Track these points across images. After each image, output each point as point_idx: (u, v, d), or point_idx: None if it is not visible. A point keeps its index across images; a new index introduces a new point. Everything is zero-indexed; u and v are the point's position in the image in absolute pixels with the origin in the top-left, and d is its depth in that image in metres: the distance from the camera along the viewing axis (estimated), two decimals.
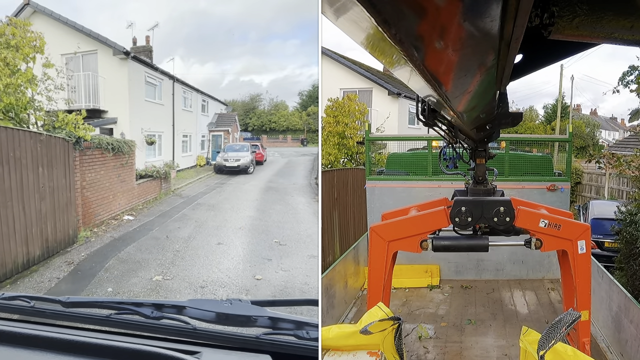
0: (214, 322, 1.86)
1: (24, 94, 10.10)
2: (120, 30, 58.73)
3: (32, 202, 7.78)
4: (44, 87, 10.96)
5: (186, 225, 11.05)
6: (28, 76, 10.14)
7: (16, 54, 10.05)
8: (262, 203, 14.40)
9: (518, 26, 1.16)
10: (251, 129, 50.30)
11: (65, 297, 1.97)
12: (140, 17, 57.52)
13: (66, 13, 50.19)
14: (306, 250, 9.01)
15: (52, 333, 1.65)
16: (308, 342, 1.73)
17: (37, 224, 7.90)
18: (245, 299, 1.97)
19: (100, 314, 1.92)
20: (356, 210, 10.70)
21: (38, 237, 7.90)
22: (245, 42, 65.99)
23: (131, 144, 12.56)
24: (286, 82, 62.53)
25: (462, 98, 1.98)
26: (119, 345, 1.57)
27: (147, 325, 1.83)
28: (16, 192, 7.35)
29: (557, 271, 5.81)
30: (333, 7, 0.99)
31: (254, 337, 1.74)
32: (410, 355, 5.38)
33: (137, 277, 7.40)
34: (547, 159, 8.79)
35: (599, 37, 1.65)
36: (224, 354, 1.70)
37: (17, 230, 7.35)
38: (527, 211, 4.03)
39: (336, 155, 15.05)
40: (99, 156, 10.66)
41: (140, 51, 19.80)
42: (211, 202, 14.47)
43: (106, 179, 11.04)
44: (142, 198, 13.41)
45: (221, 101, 32.23)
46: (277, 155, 33.32)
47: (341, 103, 16.07)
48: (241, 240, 9.68)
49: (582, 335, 4.23)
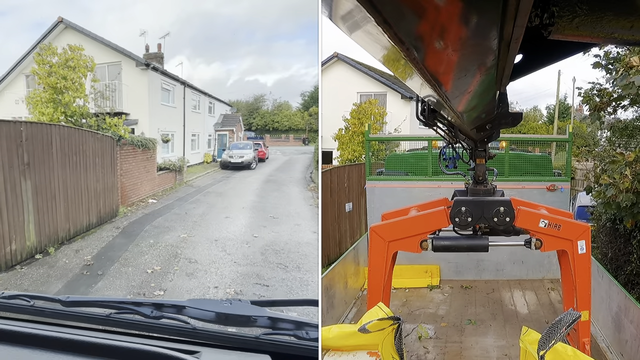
0: (213, 322, 1.86)
1: (83, 104, 13.26)
2: (128, 30, 59.46)
3: (92, 183, 10.62)
4: (92, 97, 13.95)
5: (200, 206, 13.58)
6: (83, 91, 13.18)
7: (75, 73, 12.98)
8: (261, 191, 16.70)
9: (518, 26, 1.16)
10: (255, 128, 51.21)
11: (65, 296, 1.97)
12: (148, 19, 58.06)
13: (75, 14, 50.65)
14: (293, 222, 11.50)
15: (52, 332, 1.65)
16: (308, 342, 1.73)
17: (94, 200, 10.74)
18: (245, 299, 1.97)
19: (100, 313, 1.91)
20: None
21: (94, 209, 10.74)
22: (251, 43, 66.18)
23: (154, 142, 15.24)
24: (291, 82, 62.67)
25: (462, 98, 1.98)
26: (118, 345, 1.57)
27: (147, 325, 1.83)
28: (84, 175, 10.27)
29: (557, 271, 5.80)
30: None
31: (253, 337, 1.74)
32: (410, 355, 5.38)
33: (168, 235, 10.02)
34: (547, 159, 8.79)
35: (599, 37, 1.65)
36: (223, 354, 1.70)
37: (82, 202, 10.19)
38: (527, 211, 4.03)
39: (360, 152, 17.41)
40: (131, 151, 13.47)
41: (152, 57, 21.84)
42: (219, 190, 16.94)
43: (136, 169, 13.78)
44: (162, 187, 16.14)
45: (226, 103, 34.16)
46: (279, 153, 35.08)
47: (364, 107, 18.54)
48: (244, 215, 12.25)
49: (582, 335, 4.23)
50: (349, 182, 11.43)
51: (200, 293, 6.84)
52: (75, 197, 9.83)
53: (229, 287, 7.06)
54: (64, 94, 12.70)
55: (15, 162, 7.83)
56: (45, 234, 8.62)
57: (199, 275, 7.55)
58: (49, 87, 12.67)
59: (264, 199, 15.00)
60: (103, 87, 15.10)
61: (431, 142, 8.13)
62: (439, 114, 3.76)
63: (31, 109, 13.08)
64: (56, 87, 12.62)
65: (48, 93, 12.68)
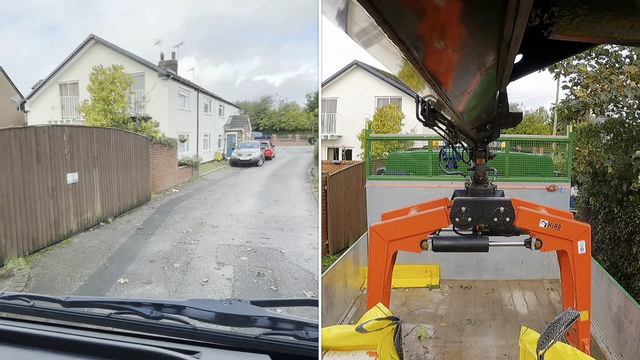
0: (213, 322, 1.86)
1: (123, 112, 16.99)
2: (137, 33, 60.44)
3: (133, 173, 13.44)
4: (131, 106, 17.73)
5: (215, 194, 16.49)
6: (124, 101, 16.94)
7: (118, 87, 16.69)
8: (267, 183, 19.60)
9: (518, 26, 1.16)
10: (262, 128, 52.55)
11: (65, 296, 1.97)
12: (157, 22, 58.79)
13: (89, 18, 51.38)
14: (291, 204, 14.25)
15: (52, 332, 1.65)
16: (307, 343, 1.73)
17: (135, 186, 13.57)
18: (245, 299, 1.96)
19: (99, 313, 1.91)
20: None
21: (135, 193, 13.55)
22: (259, 43, 66.46)
23: (175, 141, 18.70)
24: (299, 82, 62.81)
25: (462, 98, 1.98)
26: (118, 345, 1.57)
27: (147, 325, 1.83)
28: (128, 167, 13.11)
29: (556, 271, 5.81)
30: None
31: (253, 337, 1.74)
32: (410, 355, 5.38)
33: (193, 212, 12.74)
34: (547, 160, 8.79)
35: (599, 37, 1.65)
36: (223, 354, 1.70)
37: (127, 187, 13.00)
38: (527, 211, 4.02)
39: (382, 149, 18.87)
40: (159, 148, 16.71)
41: (167, 65, 24.51)
42: (230, 182, 19.91)
43: (162, 164, 16.94)
44: (181, 179, 19.19)
45: (235, 105, 36.65)
46: (285, 152, 37.47)
47: (385, 110, 21.26)
48: (252, 199, 15.11)
49: (581, 336, 4.23)
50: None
51: (222, 243, 9.41)
52: (124, 183, 12.72)
53: (241, 239, 9.62)
54: (113, 104, 16.44)
55: (90, 156, 10.77)
56: (106, 208, 11.57)
57: (220, 234, 10.22)
58: (100, 100, 16.29)
59: (268, 188, 17.87)
60: (139, 97, 18.69)
61: (431, 142, 8.13)
62: (439, 114, 3.76)
63: (85, 115, 16.67)
64: (107, 99, 16.31)
65: (100, 104, 16.32)
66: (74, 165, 9.99)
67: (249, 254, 8.62)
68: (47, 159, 9.05)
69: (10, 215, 7.97)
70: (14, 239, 8.03)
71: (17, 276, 7.36)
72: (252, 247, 9.01)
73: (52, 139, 9.20)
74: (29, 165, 8.46)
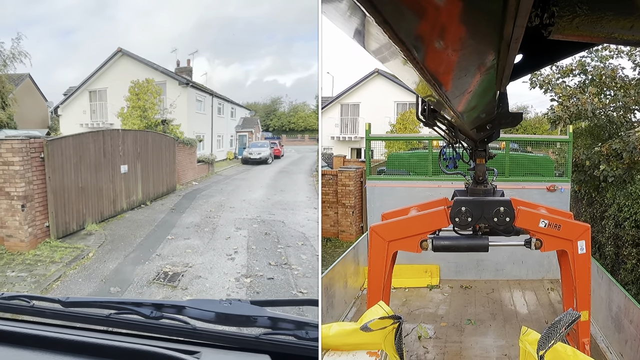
0: (213, 322, 1.86)
1: (154, 118, 20.46)
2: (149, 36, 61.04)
3: (163, 167, 16.24)
4: (161, 112, 21.04)
5: (230, 185, 19.26)
6: (155, 109, 20.48)
7: (150, 97, 20.37)
8: (275, 178, 22.49)
9: (518, 26, 1.16)
10: (272, 129, 53.61)
11: (64, 296, 1.97)
12: (169, 24, 59.29)
13: (102, 22, 51.89)
14: (294, 193, 17.24)
15: (52, 333, 1.65)
16: (308, 342, 1.73)
17: (164, 177, 16.33)
18: (245, 299, 1.96)
19: (99, 313, 1.91)
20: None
21: (165, 183, 16.37)
22: (270, 44, 66.98)
23: (195, 141, 21.54)
24: (311, 82, 62.92)
25: (462, 98, 1.97)
26: (118, 345, 1.57)
27: (147, 325, 1.83)
28: (160, 161, 15.90)
29: (557, 271, 5.81)
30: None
31: (253, 337, 1.73)
32: (410, 355, 5.38)
33: (213, 199, 15.38)
34: (548, 160, 8.79)
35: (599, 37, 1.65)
36: (223, 354, 1.70)
37: (159, 178, 15.74)
38: (527, 211, 4.02)
39: (404, 149, 20.37)
40: (182, 147, 19.33)
41: (182, 71, 27.46)
42: (242, 177, 22.66)
43: (184, 160, 19.69)
44: (199, 174, 21.90)
45: (245, 107, 39.52)
46: (294, 151, 40.15)
47: (406, 115, 23.82)
48: (261, 190, 17.90)
49: (582, 336, 4.23)
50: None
51: (239, 217, 12.27)
52: (157, 174, 15.57)
53: (253, 215, 12.56)
54: (147, 111, 20.15)
55: (134, 152, 13.75)
56: (145, 193, 14.43)
57: (236, 212, 13.05)
58: (137, 107, 20.08)
59: (276, 181, 20.99)
60: (166, 103, 21.85)
61: (431, 142, 8.13)
62: (439, 114, 3.76)
63: (123, 120, 20.32)
64: (142, 107, 20.10)
65: (137, 111, 20.05)
66: (124, 160, 13.12)
67: (259, 222, 11.63)
68: (109, 154, 12.16)
69: (88, 194, 11.01)
70: (90, 210, 11.07)
71: (96, 235, 10.27)
72: (261, 219, 12.01)
73: (112, 139, 12.35)
74: (99, 158, 11.61)
